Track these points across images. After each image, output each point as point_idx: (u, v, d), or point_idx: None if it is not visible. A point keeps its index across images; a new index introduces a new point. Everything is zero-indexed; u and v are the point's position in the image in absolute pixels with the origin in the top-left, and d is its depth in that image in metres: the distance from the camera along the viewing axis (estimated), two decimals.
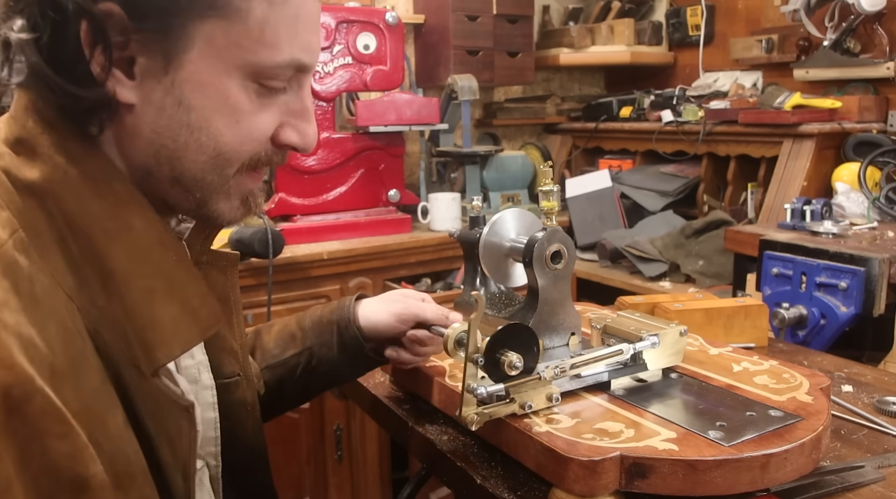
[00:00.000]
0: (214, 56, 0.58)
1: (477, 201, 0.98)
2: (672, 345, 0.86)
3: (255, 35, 0.59)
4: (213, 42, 0.58)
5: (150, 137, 0.60)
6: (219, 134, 0.61)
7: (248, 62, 0.59)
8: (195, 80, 0.59)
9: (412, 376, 0.95)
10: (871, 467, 0.76)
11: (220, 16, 0.57)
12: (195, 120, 0.60)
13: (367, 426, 1.97)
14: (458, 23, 2.41)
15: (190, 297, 0.62)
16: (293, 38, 0.61)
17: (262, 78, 0.61)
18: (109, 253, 0.58)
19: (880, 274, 1.42)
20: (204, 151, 0.61)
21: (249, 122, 0.62)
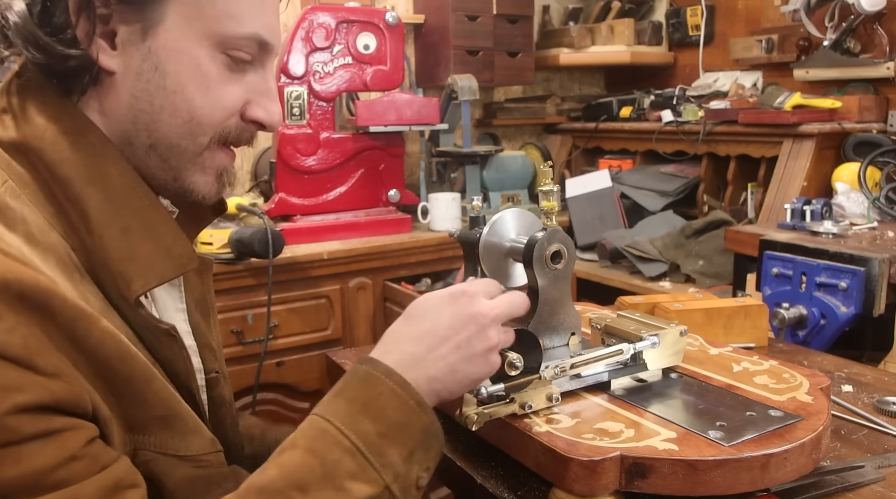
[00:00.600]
0: (186, 25, 0.65)
1: (477, 201, 0.98)
2: (672, 345, 0.86)
3: (221, 7, 0.66)
4: (185, 12, 0.65)
5: (129, 101, 0.66)
6: (192, 97, 0.66)
7: (215, 32, 0.66)
8: (169, 47, 0.65)
9: None
10: (871, 467, 0.76)
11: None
12: (170, 83, 0.66)
13: None
14: (458, 23, 2.41)
15: (163, 235, 0.67)
16: (256, 16, 0.68)
17: (228, 48, 0.67)
18: (88, 197, 0.63)
19: (880, 274, 1.42)
20: (178, 114, 0.67)
21: (219, 90, 0.68)
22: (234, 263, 1.75)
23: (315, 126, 2.05)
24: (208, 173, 0.71)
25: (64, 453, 0.55)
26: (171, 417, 0.65)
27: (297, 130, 2.02)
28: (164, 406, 0.65)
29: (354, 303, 1.98)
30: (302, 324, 1.88)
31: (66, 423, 0.55)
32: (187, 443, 0.67)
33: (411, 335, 0.70)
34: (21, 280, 0.54)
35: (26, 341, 0.54)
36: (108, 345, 0.60)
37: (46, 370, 0.54)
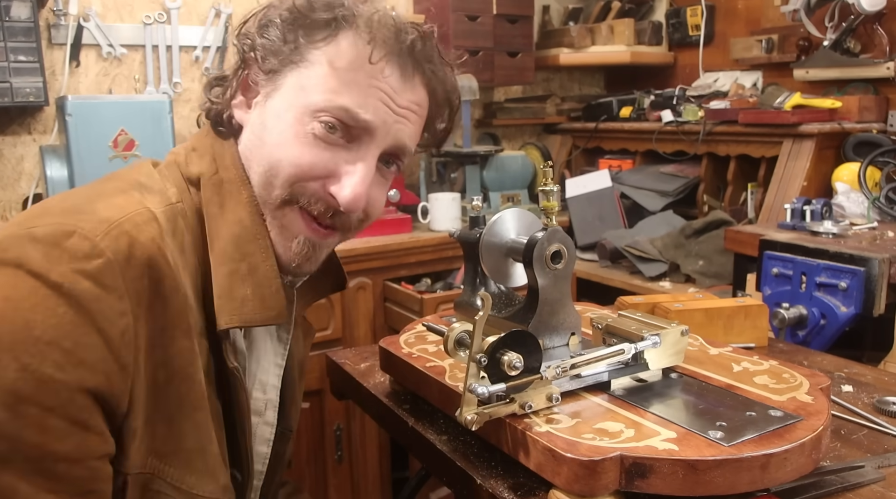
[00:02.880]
0: (293, 93, 0.76)
1: (477, 201, 0.98)
2: (673, 345, 0.86)
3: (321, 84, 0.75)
4: (297, 83, 0.76)
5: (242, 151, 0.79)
6: (272, 151, 0.76)
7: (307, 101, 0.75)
8: (276, 109, 0.77)
9: (412, 375, 0.95)
10: (871, 467, 0.76)
11: (304, 67, 0.76)
12: (267, 138, 0.77)
13: (367, 426, 1.97)
14: (458, 23, 2.41)
15: (263, 285, 0.75)
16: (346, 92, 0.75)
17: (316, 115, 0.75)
18: (219, 236, 0.74)
19: (880, 274, 1.42)
20: (262, 164, 0.77)
21: (298, 149, 0.75)
22: None
23: None
24: (286, 236, 0.78)
25: (77, 452, 0.58)
26: (199, 450, 0.69)
27: None
28: (197, 438, 0.69)
29: (354, 303, 1.98)
30: None
31: (99, 425, 0.60)
32: (202, 483, 0.70)
33: None
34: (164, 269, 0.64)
35: (125, 330, 0.60)
36: (181, 360, 0.66)
37: (122, 361, 0.60)
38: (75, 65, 2.03)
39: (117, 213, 0.64)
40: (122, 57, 2.09)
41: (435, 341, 1.00)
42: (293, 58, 0.76)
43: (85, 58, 2.05)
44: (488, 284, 0.99)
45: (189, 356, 0.67)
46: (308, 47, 0.76)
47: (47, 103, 1.81)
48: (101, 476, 0.61)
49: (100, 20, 2.04)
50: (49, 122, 2.01)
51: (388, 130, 0.78)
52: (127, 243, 0.62)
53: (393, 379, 1.02)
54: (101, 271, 0.59)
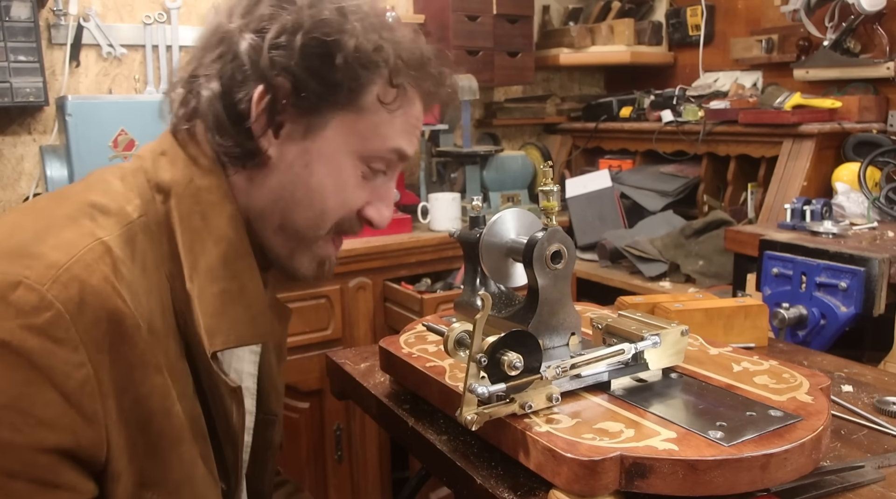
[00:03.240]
0: (342, 138, 0.74)
1: (477, 201, 0.98)
2: (673, 345, 0.85)
3: (374, 130, 0.75)
4: (345, 126, 0.74)
5: (274, 187, 0.74)
6: (327, 197, 0.75)
7: (362, 148, 0.75)
8: (323, 153, 0.74)
9: (412, 375, 0.95)
10: (871, 467, 0.76)
11: (354, 111, 0.73)
12: (314, 183, 0.74)
13: (367, 426, 1.97)
14: (458, 23, 2.41)
15: (253, 304, 0.74)
16: (401, 135, 0.77)
17: (370, 161, 0.76)
18: (206, 254, 0.71)
19: (880, 274, 1.42)
20: (312, 208, 0.75)
21: (350, 194, 0.76)
22: None
23: None
24: (316, 261, 0.80)
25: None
26: (186, 480, 0.68)
27: None
28: (182, 469, 0.68)
29: (354, 303, 1.98)
30: (302, 324, 1.88)
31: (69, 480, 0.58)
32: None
33: None
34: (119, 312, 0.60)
35: (85, 381, 0.58)
36: (154, 400, 0.64)
37: (86, 414, 0.58)
38: (75, 65, 2.03)
39: (65, 254, 0.60)
40: (122, 57, 2.09)
41: (435, 341, 1.00)
42: (340, 98, 0.72)
43: (85, 58, 2.05)
44: (488, 284, 0.99)
45: (163, 392, 0.65)
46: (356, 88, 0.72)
47: (47, 103, 1.81)
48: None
49: (100, 20, 2.04)
50: (49, 122, 2.01)
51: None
52: (78, 290, 0.58)
53: (393, 379, 1.02)
54: (52, 324, 0.56)
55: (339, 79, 0.71)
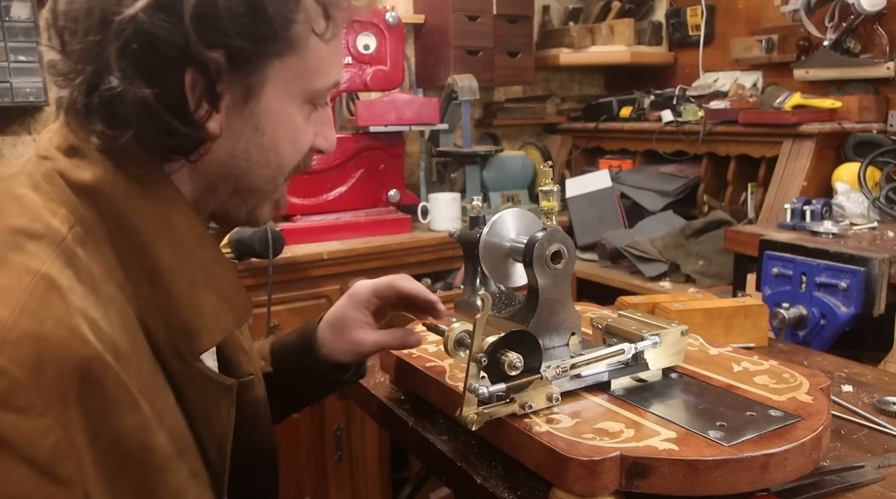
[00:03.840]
0: (285, 87, 0.68)
1: (477, 201, 0.98)
2: (673, 345, 0.86)
3: (314, 67, 0.69)
4: (283, 75, 0.68)
5: (225, 159, 0.69)
6: (282, 150, 0.71)
7: (307, 89, 0.70)
8: (269, 109, 0.68)
9: (412, 375, 0.95)
10: (871, 467, 0.76)
11: (291, 55, 0.67)
12: (267, 142, 0.69)
13: (367, 426, 1.97)
14: (458, 23, 2.41)
15: (225, 288, 0.69)
16: (337, 65, 0.73)
17: (314, 99, 0.72)
18: (156, 248, 0.64)
19: (880, 274, 1.42)
20: (269, 166, 0.71)
21: (303, 138, 0.73)
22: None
23: None
24: (273, 204, 0.76)
25: None
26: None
27: None
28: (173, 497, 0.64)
29: None
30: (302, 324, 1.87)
31: None
32: None
33: None
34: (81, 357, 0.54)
35: (56, 446, 0.53)
36: (131, 438, 0.59)
37: (61, 479, 0.54)
38: None
39: (5, 308, 0.53)
40: None
41: (435, 341, 1.00)
42: (274, 46, 0.66)
43: None
44: (488, 284, 0.99)
45: (141, 426, 0.59)
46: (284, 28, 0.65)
47: (47, 103, 1.81)
48: None
49: None
50: (49, 122, 2.01)
51: None
52: (32, 347, 0.52)
53: (393, 379, 1.02)
54: (10, 394, 0.51)
55: (270, 31, 0.64)
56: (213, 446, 0.71)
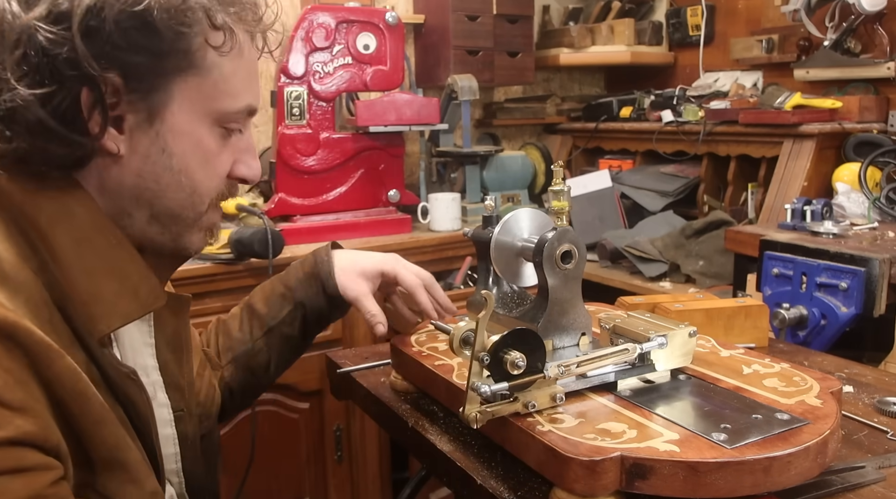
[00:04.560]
0: (190, 107, 0.69)
1: (489, 201, 0.98)
2: (681, 346, 0.85)
3: (221, 87, 0.70)
4: (188, 95, 0.68)
5: (134, 181, 0.69)
6: (194, 173, 0.71)
7: (215, 110, 0.70)
8: (176, 130, 0.69)
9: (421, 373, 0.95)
10: (872, 467, 0.76)
11: (193, 74, 0.68)
12: (176, 163, 0.70)
13: (367, 426, 1.97)
14: (458, 23, 2.41)
15: (129, 275, 0.69)
16: (248, 89, 0.73)
17: (225, 122, 0.72)
18: (55, 236, 0.65)
19: (881, 274, 1.42)
20: (182, 190, 0.71)
21: (216, 162, 0.73)
22: (233, 264, 1.75)
23: (315, 126, 2.04)
24: (202, 231, 0.76)
25: (31, 490, 0.55)
26: (114, 461, 0.66)
27: (297, 130, 2.02)
28: (110, 451, 0.65)
29: None
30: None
31: (35, 461, 0.56)
32: (124, 492, 0.67)
33: None
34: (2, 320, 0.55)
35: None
36: (66, 381, 0.60)
37: (13, 405, 0.55)
38: None
39: None
40: None
41: (445, 340, 1.00)
42: (175, 64, 0.66)
43: None
44: (501, 284, 0.99)
45: (72, 374, 0.61)
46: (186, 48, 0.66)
47: None
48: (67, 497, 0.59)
49: None
50: None
51: None
52: None
53: (394, 379, 1.02)
54: None
55: (164, 46, 0.65)
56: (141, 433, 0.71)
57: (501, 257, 0.90)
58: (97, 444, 0.64)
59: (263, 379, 1.07)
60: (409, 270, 1.05)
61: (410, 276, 1.05)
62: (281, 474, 1.89)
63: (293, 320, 1.05)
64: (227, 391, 1.04)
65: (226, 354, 1.05)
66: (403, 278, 1.04)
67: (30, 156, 0.64)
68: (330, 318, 1.09)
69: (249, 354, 1.05)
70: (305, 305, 1.05)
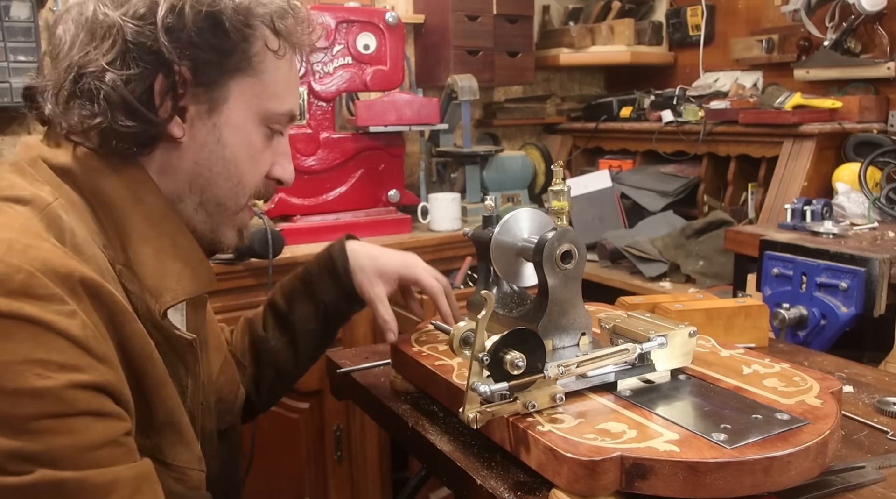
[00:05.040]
0: (244, 105, 0.76)
1: (489, 201, 0.98)
2: (681, 346, 0.85)
3: (271, 89, 0.78)
4: (243, 93, 0.76)
5: (190, 167, 0.76)
6: (242, 165, 0.78)
7: (264, 109, 0.78)
8: (231, 123, 0.76)
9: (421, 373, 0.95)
10: (872, 467, 0.76)
11: (250, 74, 0.76)
12: (229, 154, 0.77)
13: (367, 426, 1.97)
14: (458, 23, 2.41)
15: (191, 257, 0.77)
16: (292, 94, 0.81)
17: (271, 122, 0.79)
18: (129, 218, 0.72)
19: (881, 274, 1.42)
20: (230, 179, 0.78)
21: (260, 158, 0.80)
22: (233, 264, 1.75)
23: (315, 126, 2.04)
24: (236, 229, 0.82)
25: (109, 435, 0.59)
26: (170, 424, 0.71)
27: (297, 130, 2.02)
28: (168, 413, 0.71)
29: None
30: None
31: (114, 409, 0.61)
32: (176, 452, 0.72)
33: None
34: (80, 271, 0.61)
35: (84, 326, 0.59)
36: (136, 342, 0.66)
37: (99, 355, 0.60)
38: None
39: (6, 232, 0.61)
40: None
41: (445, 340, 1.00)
42: (237, 64, 0.74)
43: None
44: (501, 284, 0.99)
45: (142, 337, 0.67)
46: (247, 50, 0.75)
47: None
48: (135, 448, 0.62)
49: None
50: None
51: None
52: (36, 254, 0.60)
53: (393, 379, 1.02)
54: (28, 285, 0.58)
55: (231, 45, 0.73)
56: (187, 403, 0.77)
57: (501, 257, 0.90)
58: (158, 404, 0.69)
59: (288, 376, 1.09)
60: (429, 274, 1.06)
61: (432, 281, 1.05)
62: (281, 474, 1.89)
63: (313, 316, 1.07)
64: (254, 389, 1.06)
65: (250, 353, 1.07)
66: (424, 283, 1.05)
67: (109, 132, 0.71)
68: (350, 312, 1.10)
69: (273, 351, 1.06)
70: (325, 301, 1.07)
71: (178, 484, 0.72)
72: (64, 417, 0.56)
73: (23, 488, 0.54)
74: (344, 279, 1.05)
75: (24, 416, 0.55)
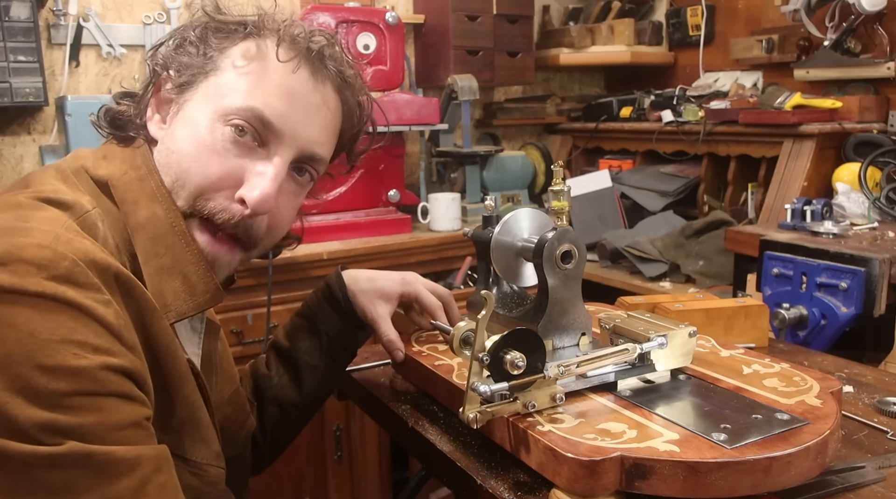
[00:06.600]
0: (203, 101, 0.77)
1: (489, 201, 0.98)
2: (681, 346, 0.85)
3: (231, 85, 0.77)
4: (205, 91, 0.78)
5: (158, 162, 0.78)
6: (182, 159, 0.77)
7: (219, 104, 0.76)
8: (185, 118, 0.78)
9: (421, 373, 0.95)
10: (872, 467, 0.76)
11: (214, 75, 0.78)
12: (174, 145, 0.78)
13: (367, 426, 1.97)
14: (458, 23, 2.41)
15: (191, 273, 0.76)
16: (255, 93, 0.76)
17: (227, 119, 0.76)
18: (139, 233, 0.74)
19: (881, 274, 1.42)
20: (171, 173, 0.77)
21: (208, 158, 0.76)
22: None
23: None
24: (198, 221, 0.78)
25: (134, 416, 0.62)
26: (190, 421, 0.74)
27: None
28: (188, 410, 0.73)
29: None
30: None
31: (138, 394, 0.63)
32: (195, 449, 0.74)
33: None
34: (116, 266, 0.65)
35: (117, 315, 0.62)
36: (162, 339, 0.69)
37: (128, 343, 0.63)
38: (75, 65, 2.03)
39: (51, 226, 0.64)
40: (122, 57, 2.09)
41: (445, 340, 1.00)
42: (206, 68, 0.78)
43: (84, 58, 2.05)
44: (501, 284, 0.99)
45: (168, 335, 0.70)
46: (219, 55, 0.78)
47: (47, 103, 1.80)
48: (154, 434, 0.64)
49: (99, 20, 2.04)
50: (49, 122, 2.01)
51: (298, 131, 0.78)
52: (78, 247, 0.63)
53: (393, 379, 1.02)
54: (72, 272, 0.61)
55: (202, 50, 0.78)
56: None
57: (501, 257, 0.90)
58: (180, 400, 0.72)
59: (292, 415, 1.05)
60: (429, 291, 1.05)
61: (431, 298, 1.04)
62: (281, 474, 1.89)
63: (316, 350, 1.03)
64: (259, 429, 1.03)
65: (254, 392, 1.05)
66: (424, 300, 1.03)
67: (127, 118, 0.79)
68: (356, 341, 1.06)
69: (276, 388, 1.03)
70: (328, 333, 1.03)
71: (195, 478, 0.74)
72: (96, 395, 0.59)
73: (54, 457, 0.56)
74: (344, 305, 1.01)
75: (59, 391, 0.57)
